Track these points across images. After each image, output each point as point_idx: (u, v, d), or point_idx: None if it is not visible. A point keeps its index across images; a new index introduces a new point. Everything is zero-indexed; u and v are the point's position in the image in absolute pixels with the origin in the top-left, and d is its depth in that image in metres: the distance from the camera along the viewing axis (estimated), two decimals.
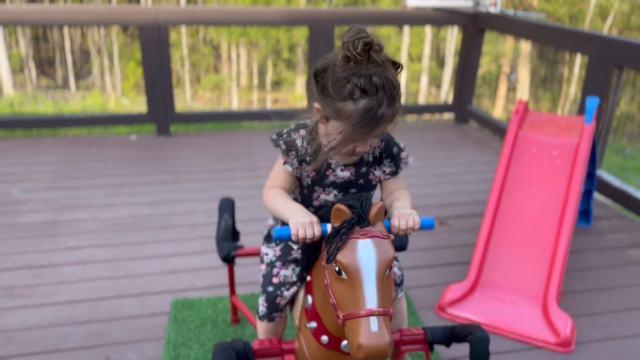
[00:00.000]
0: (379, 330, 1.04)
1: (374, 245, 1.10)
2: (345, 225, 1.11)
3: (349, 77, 1.15)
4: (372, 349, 1.03)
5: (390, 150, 1.41)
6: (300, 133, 1.36)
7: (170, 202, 3.41)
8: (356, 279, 1.08)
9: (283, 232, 1.20)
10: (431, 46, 18.58)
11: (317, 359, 1.32)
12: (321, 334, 1.27)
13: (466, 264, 2.74)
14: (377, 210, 1.13)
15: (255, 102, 18.15)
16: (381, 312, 1.06)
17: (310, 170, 1.35)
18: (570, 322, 2.22)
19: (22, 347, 2.12)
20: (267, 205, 1.38)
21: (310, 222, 1.19)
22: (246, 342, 1.33)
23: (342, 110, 1.18)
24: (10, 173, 3.78)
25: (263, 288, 1.50)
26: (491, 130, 4.85)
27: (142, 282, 2.57)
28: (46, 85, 18.28)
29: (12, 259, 2.73)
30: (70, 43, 18.66)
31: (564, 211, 2.49)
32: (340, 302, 1.11)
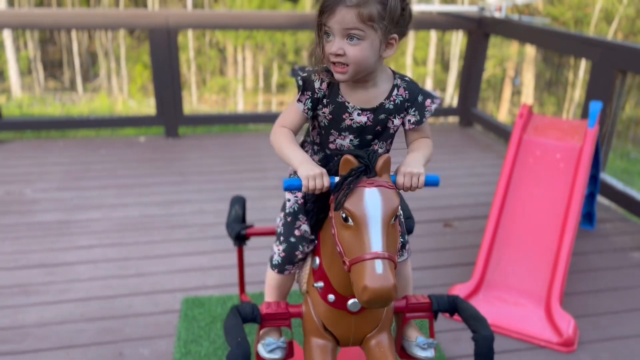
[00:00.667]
0: (384, 273, 1.07)
1: (380, 193, 1.14)
2: (352, 174, 1.15)
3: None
4: (377, 290, 1.05)
5: (415, 98, 1.39)
6: (320, 75, 1.35)
7: (180, 203, 3.47)
8: (362, 225, 1.11)
9: (293, 182, 1.23)
10: (436, 50, 18.63)
11: (324, 319, 1.35)
12: (328, 292, 1.31)
13: (470, 265, 2.78)
14: (384, 161, 1.17)
15: (261, 104, 18.23)
16: (386, 256, 1.09)
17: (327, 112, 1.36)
18: (573, 323, 2.27)
19: (37, 342, 2.18)
20: (274, 144, 1.37)
21: (320, 173, 1.21)
22: (254, 305, 1.36)
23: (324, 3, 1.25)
24: (23, 173, 3.85)
25: (284, 237, 1.49)
26: (495, 134, 4.89)
27: (152, 281, 2.63)
28: (54, 88, 18.43)
29: (27, 257, 2.79)
30: (78, 45, 18.81)
31: (567, 213, 2.53)
32: (346, 249, 1.14)
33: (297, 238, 1.48)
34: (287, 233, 1.49)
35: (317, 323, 1.37)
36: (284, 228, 1.51)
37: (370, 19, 1.21)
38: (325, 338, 1.37)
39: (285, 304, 1.43)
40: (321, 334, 1.37)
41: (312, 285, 1.38)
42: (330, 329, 1.37)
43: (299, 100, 1.36)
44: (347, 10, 1.20)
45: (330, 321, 1.36)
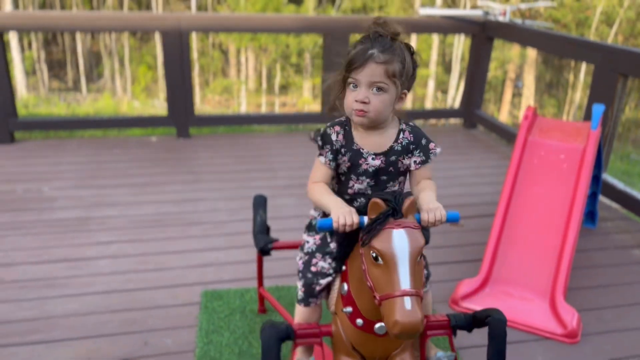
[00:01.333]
0: (412, 309, 1.19)
1: (406, 234, 1.25)
2: (381, 217, 1.27)
3: (358, 41, 1.46)
4: (406, 324, 1.17)
5: (419, 142, 1.57)
6: (335, 129, 1.53)
7: (193, 201, 3.58)
8: (391, 264, 1.23)
9: (325, 222, 1.35)
10: (438, 52, 18.74)
11: (353, 340, 1.47)
12: (356, 317, 1.42)
13: (477, 262, 2.88)
14: (409, 203, 1.29)
15: (264, 105, 18.35)
16: (414, 292, 1.21)
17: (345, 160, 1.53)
18: (577, 315, 2.37)
19: (65, 332, 2.28)
20: (312, 198, 1.53)
21: (350, 211, 1.35)
22: (288, 324, 1.47)
23: (345, 62, 1.45)
24: (40, 172, 3.96)
25: (302, 274, 1.66)
26: (499, 135, 4.99)
27: (172, 275, 2.73)
28: (57, 88, 18.54)
29: (49, 252, 2.90)
30: (81, 46, 18.93)
31: (571, 211, 2.64)
32: (376, 285, 1.26)
33: (313, 274, 1.64)
34: (305, 270, 1.66)
35: (346, 343, 1.49)
36: (303, 265, 1.67)
37: (393, 74, 1.43)
38: (354, 357, 1.50)
39: (316, 324, 1.55)
40: (350, 352, 1.50)
41: (340, 309, 1.49)
42: (358, 349, 1.49)
43: (321, 154, 1.53)
44: (376, 66, 1.41)
45: (358, 342, 1.48)
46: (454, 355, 1.54)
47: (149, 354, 2.17)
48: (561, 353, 2.25)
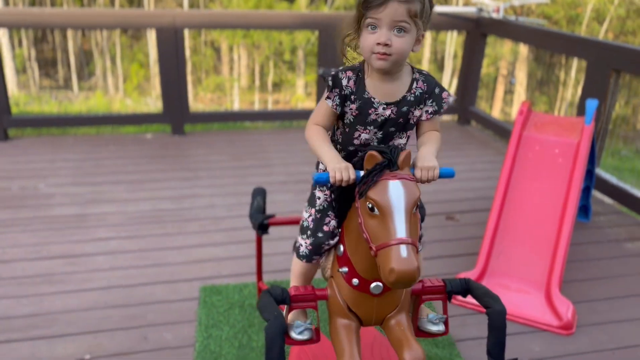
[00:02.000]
0: (408, 256, 1.19)
1: (402, 185, 1.26)
2: (377, 168, 1.28)
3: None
4: (402, 272, 1.18)
5: (432, 90, 1.49)
6: (347, 73, 1.46)
7: (191, 197, 3.58)
8: (387, 213, 1.24)
9: (322, 176, 1.36)
10: (431, 49, 18.80)
11: (349, 301, 1.47)
12: (352, 277, 1.43)
13: (472, 255, 2.91)
14: (405, 156, 1.30)
15: (257, 103, 18.32)
16: (410, 241, 1.21)
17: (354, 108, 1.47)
18: (572, 307, 2.41)
19: (65, 327, 2.29)
20: (308, 140, 1.49)
21: (346, 166, 1.34)
22: (284, 288, 1.47)
23: (359, 1, 1.37)
24: (36, 169, 3.95)
25: (312, 232, 1.59)
26: (492, 131, 5.03)
27: (170, 270, 2.74)
28: (49, 86, 18.42)
29: (47, 248, 2.90)
30: (72, 44, 18.80)
31: (566, 205, 2.67)
32: (372, 236, 1.26)
33: (325, 233, 1.59)
34: (316, 228, 1.60)
35: (342, 305, 1.49)
36: (313, 223, 1.61)
37: (415, 14, 1.35)
38: (350, 318, 1.49)
39: (312, 287, 1.54)
40: (346, 314, 1.49)
41: (337, 270, 1.50)
42: (354, 310, 1.49)
43: (328, 97, 1.46)
44: (399, 5, 1.33)
45: (354, 303, 1.48)
46: (444, 317, 1.55)
47: (149, 349, 2.18)
48: (557, 344, 2.29)
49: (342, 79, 1.46)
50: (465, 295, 1.57)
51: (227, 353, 2.16)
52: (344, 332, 1.47)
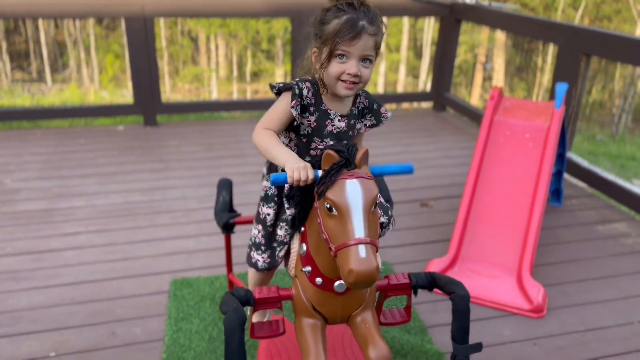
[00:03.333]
0: (367, 256, 1.18)
1: (360, 184, 1.25)
2: (334, 168, 1.26)
3: (333, 6, 1.41)
4: (361, 272, 1.16)
5: (372, 106, 1.59)
6: (306, 84, 1.48)
7: (162, 189, 3.52)
8: (345, 213, 1.22)
9: (279, 176, 1.34)
10: (409, 36, 18.79)
11: (313, 300, 1.46)
12: (315, 276, 1.41)
13: (446, 242, 2.92)
14: (362, 154, 1.28)
15: (235, 93, 18.15)
16: (368, 241, 1.20)
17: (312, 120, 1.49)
18: (542, 291, 2.42)
19: (30, 325, 2.23)
20: (259, 143, 1.45)
21: (305, 166, 1.32)
22: (247, 290, 1.45)
23: (328, 30, 1.39)
24: (1, 164, 3.84)
25: (266, 246, 1.62)
26: (468, 117, 5.04)
27: (140, 264, 2.69)
28: (21, 79, 18.00)
29: (12, 244, 2.82)
30: (45, 35, 18.38)
31: (536, 189, 2.68)
32: (332, 236, 1.25)
33: (278, 243, 1.62)
34: (269, 242, 1.64)
35: (306, 304, 1.47)
36: (264, 239, 1.64)
37: (378, 46, 1.43)
38: (315, 317, 1.48)
39: (276, 288, 1.52)
40: (311, 313, 1.47)
41: (300, 270, 1.48)
42: (318, 309, 1.48)
43: (292, 106, 1.45)
44: (368, 38, 1.39)
45: (318, 302, 1.46)
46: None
47: (117, 344, 2.14)
48: (527, 327, 2.30)
49: (302, 88, 1.46)
50: (432, 289, 1.56)
51: (197, 346, 2.13)
52: (309, 331, 1.46)
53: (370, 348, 1.38)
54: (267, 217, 1.61)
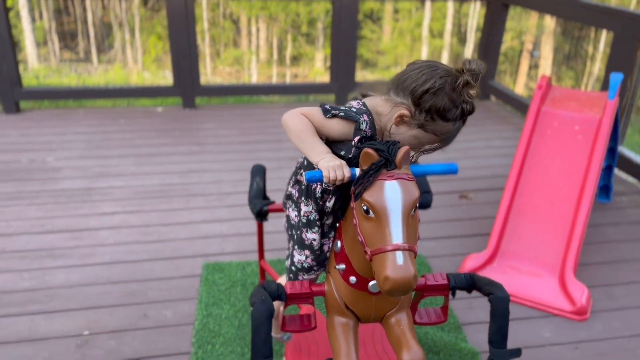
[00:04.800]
0: (404, 264, 1.10)
1: (399, 186, 1.16)
2: (373, 168, 1.18)
3: (459, 104, 1.27)
4: (397, 280, 1.09)
5: None
6: (364, 117, 1.34)
7: (198, 172, 3.53)
8: (383, 217, 1.15)
9: (315, 174, 1.25)
10: (453, 22, 18.31)
11: (346, 298, 1.39)
12: (349, 274, 1.35)
13: (485, 236, 2.81)
14: (403, 154, 1.19)
15: (275, 76, 18.14)
16: (406, 247, 1.12)
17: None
18: (587, 292, 2.30)
19: (65, 302, 2.27)
20: (292, 126, 1.33)
21: (341, 164, 1.24)
22: (279, 284, 1.41)
23: (442, 129, 1.30)
24: (45, 142, 3.93)
25: (318, 265, 1.52)
26: (513, 107, 4.85)
27: (173, 246, 2.70)
28: (69, 58, 18.49)
29: (52, 222, 2.88)
30: (92, 16, 18.79)
31: (584, 185, 2.54)
32: (368, 239, 1.17)
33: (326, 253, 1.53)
34: (320, 262, 1.53)
35: (339, 302, 1.41)
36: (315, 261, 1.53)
37: None
38: (347, 316, 1.42)
39: (308, 283, 1.46)
40: (343, 312, 1.41)
41: (334, 267, 1.42)
42: (351, 308, 1.41)
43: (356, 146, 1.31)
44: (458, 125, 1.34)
45: (351, 301, 1.40)
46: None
47: (147, 326, 2.15)
48: (569, 330, 2.19)
49: (361, 123, 1.33)
50: (470, 291, 1.48)
51: (226, 332, 2.12)
52: (341, 330, 1.41)
53: (404, 352, 1.32)
54: (313, 243, 1.51)
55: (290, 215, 1.58)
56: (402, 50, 18.01)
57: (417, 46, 17.62)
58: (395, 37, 18.46)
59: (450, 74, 1.27)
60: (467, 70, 1.25)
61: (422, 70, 1.29)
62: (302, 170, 1.51)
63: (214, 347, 2.04)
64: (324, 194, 1.43)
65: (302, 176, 1.50)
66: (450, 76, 1.27)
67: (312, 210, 1.46)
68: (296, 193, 1.55)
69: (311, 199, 1.46)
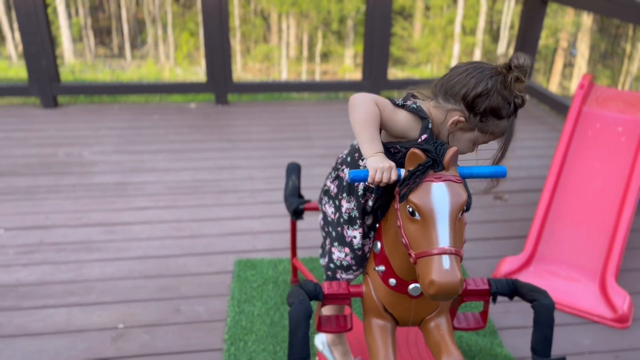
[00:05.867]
0: (451, 268, 1.08)
1: (447, 188, 1.13)
2: (419, 169, 1.15)
3: (511, 100, 1.27)
4: (443, 285, 1.07)
5: None
6: (422, 138, 1.32)
7: (229, 168, 3.54)
8: (429, 219, 1.12)
9: (359, 173, 1.23)
10: (486, 19, 18.01)
11: (385, 301, 1.37)
12: (389, 277, 1.33)
13: (520, 238, 2.75)
14: (452, 155, 1.16)
15: (304, 73, 18.16)
16: (453, 251, 1.10)
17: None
18: (629, 299, 2.22)
19: (101, 296, 2.30)
20: (359, 114, 1.27)
21: (390, 167, 1.21)
22: (317, 284, 1.39)
23: (497, 128, 1.30)
24: (81, 136, 4.00)
25: (358, 265, 1.51)
26: (549, 106, 4.73)
27: (205, 242, 2.71)
28: (103, 54, 18.87)
29: (87, 216, 2.93)
30: (126, 12, 19.12)
31: (628, 188, 2.46)
32: (412, 242, 1.15)
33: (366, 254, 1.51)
34: (360, 261, 1.52)
35: (377, 304, 1.39)
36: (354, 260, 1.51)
37: None
38: (385, 318, 1.39)
39: (346, 284, 1.45)
40: (381, 314, 1.39)
41: (373, 268, 1.40)
42: (390, 310, 1.39)
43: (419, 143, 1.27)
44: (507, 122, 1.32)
45: (390, 303, 1.38)
46: None
47: (180, 321, 2.17)
48: (610, 338, 2.12)
49: (429, 122, 1.31)
50: (512, 297, 1.44)
51: (259, 330, 2.12)
52: (379, 332, 1.38)
53: (444, 357, 1.29)
54: (354, 240, 1.49)
55: (327, 211, 1.56)
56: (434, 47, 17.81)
57: (449, 44, 17.38)
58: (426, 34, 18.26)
59: (499, 73, 1.24)
60: (515, 66, 1.22)
61: (470, 74, 1.26)
62: (345, 167, 1.48)
63: (246, 344, 2.04)
64: (366, 192, 1.41)
65: (344, 172, 1.48)
66: (499, 75, 1.23)
67: (354, 208, 1.44)
68: (335, 189, 1.52)
69: (353, 195, 1.44)
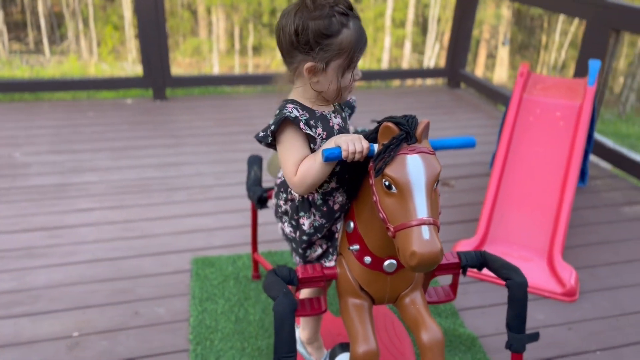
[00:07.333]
0: (431, 238, 1.09)
1: (422, 159, 1.15)
2: (394, 142, 1.16)
3: (327, 13, 1.22)
4: (424, 255, 1.07)
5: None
6: (288, 107, 1.31)
7: (176, 165, 3.43)
8: (406, 192, 1.13)
9: (333, 151, 1.21)
10: (415, 12, 18.47)
11: (360, 279, 1.38)
12: (364, 255, 1.33)
13: (471, 222, 2.85)
14: (424, 127, 1.18)
15: (237, 67, 17.88)
16: (431, 221, 1.11)
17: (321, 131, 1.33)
18: (575, 274, 2.36)
19: (50, 303, 2.16)
20: (304, 181, 1.28)
21: (359, 137, 1.21)
22: (290, 268, 1.38)
23: (343, 43, 1.24)
24: (10, 137, 3.74)
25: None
26: (485, 94, 4.93)
27: (159, 242, 2.62)
28: (19, 50, 17.68)
29: (27, 220, 2.74)
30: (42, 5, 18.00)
31: (568, 170, 2.60)
32: (390, 216, 1.15)
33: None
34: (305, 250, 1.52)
35: (353, 284, 1.39)
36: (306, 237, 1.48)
37: None
38: (362, 297, 1.40)
39: (320, 266, 1.44)
40: (357, 293, 1.40)
41: (347, 248, 1.40)
42: (366, 289, 1.40)
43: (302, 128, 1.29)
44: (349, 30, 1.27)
45: (366, 281, 1.38)
46: None
47: (141, 324, 2.08)
48: (561, 311, 2.25)
49: (291, 112, 1.29)
50: (481, 269, 1.49)
51: (224, 327, 2.07)
52: (356, 312, 1.39)
53: (423, 331, 1.32)
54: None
55: (285, 230, 1.54)
56: None
57: (380, 36, 17.69)
58: None
59: (300, 3, 1.24)
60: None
61: (281, 28, 1.28)
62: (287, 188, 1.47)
63: (212, 343, 1.99)
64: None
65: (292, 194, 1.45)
66: (301, 3, 1.24)
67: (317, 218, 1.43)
68: (289, 210, 1.49)
69: (313, 207, 1.43)
